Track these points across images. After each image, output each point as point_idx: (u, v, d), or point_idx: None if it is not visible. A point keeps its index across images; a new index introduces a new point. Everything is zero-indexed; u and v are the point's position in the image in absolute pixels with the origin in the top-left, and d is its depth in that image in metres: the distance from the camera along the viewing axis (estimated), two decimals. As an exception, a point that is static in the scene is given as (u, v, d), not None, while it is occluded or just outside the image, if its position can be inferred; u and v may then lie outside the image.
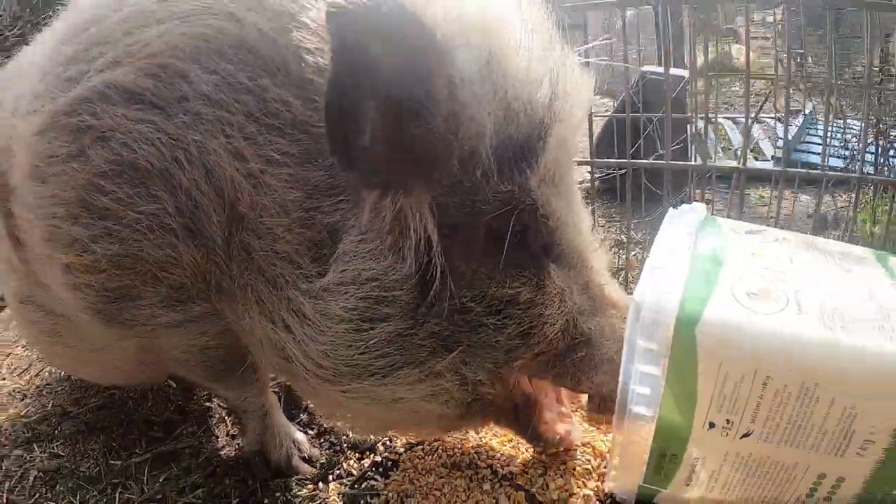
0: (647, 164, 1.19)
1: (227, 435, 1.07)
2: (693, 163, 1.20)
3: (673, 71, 1.62)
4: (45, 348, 1.11)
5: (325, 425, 1.01)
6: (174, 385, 1.19)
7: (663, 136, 1.17)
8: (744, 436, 0.61)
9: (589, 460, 0.78)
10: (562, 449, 0.78)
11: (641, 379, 0.59)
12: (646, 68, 2.01)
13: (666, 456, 0.66)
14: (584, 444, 0.80)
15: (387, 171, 0.57)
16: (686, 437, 0.63)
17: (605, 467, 0.76)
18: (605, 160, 1.31)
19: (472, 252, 0.63)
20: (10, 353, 1.55)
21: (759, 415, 0.59)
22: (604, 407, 0.69)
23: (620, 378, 0.61)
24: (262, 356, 0.75)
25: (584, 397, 0.75)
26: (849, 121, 2.15)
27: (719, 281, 0.60)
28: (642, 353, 0.58)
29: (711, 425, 0.61)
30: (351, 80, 0.52)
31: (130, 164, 0.66)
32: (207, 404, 1.16)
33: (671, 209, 0.80)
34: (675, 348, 0.57)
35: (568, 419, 0.80)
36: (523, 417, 0.74)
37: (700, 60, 1.66)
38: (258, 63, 0.62)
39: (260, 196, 0.63)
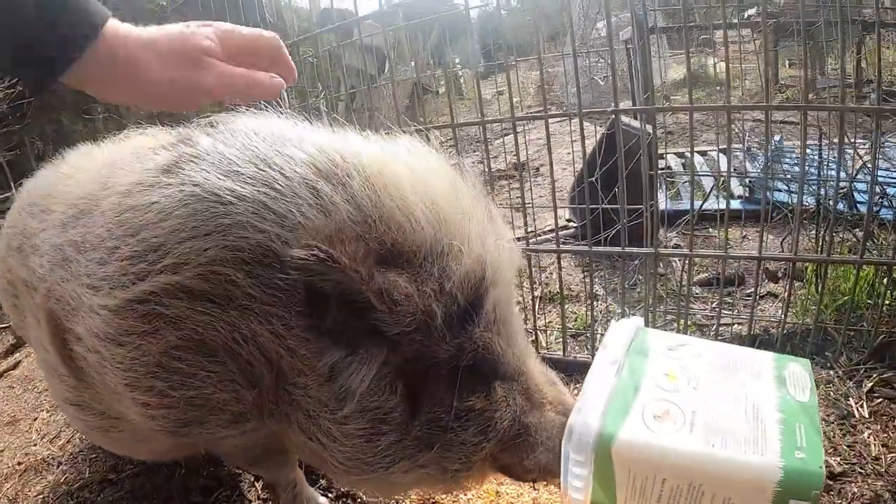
0: (603, 251, 1.40)
1: (259, 499, 1.24)
2: (645, 249, 1.39)
3: (635, 124, 1.80)
4: (95, 438, 1.24)
5: (342, 489, 1.22)
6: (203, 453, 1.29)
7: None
8: (655, 514, 0.84)
9: None
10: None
11: (574, 477, 0.82)
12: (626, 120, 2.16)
13: (601, 525, 0.89)
14: (549, 505, 1.04)
15: (350, 342, 0.83)
16: (613, 513, 0.86)
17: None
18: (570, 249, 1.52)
19: (437, 382, 0.87)
20: (36, 418, 1.66)
21: (662, 500, 0.82)
22: (545, 474, 0.95)
23: (561, 474, 0.84)
24: (299, 452, 0.99)
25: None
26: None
27: (633, 406, 0.83)
28: (574, 461, 0.81)
29: (630, 506, 0.84)
30: (315, 294, 0.79)
31: (199, 341, 0.83)
32: (237, 470, 1.29)
33: (613, 322, 1.02)
34: (596, 461, 0.80)
35: None
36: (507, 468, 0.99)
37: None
38: (283, 264, 0.80)
39: (295, 361, 0.84)
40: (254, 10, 1.91)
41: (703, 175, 2.58)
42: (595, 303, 1.58)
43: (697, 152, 2.85)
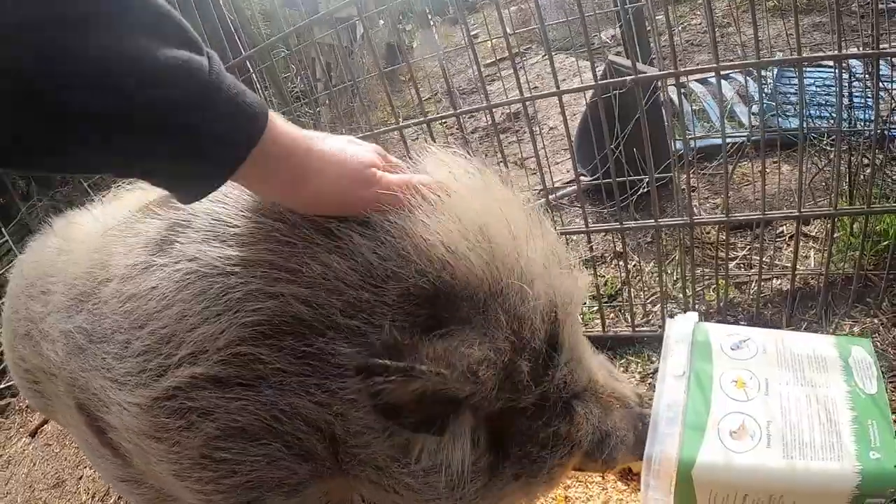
0: (636, 226, 1.36)
1: None
2: (678, 219, 1.35)
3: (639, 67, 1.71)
4: None
5: None
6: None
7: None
8: (734, 522, 0.85)
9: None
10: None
11: (655, 500, 0.83)
12: (612, 57, 2.05)
13: (683, 534, 0.90)
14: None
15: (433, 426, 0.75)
16: (695, 527, 0.87)
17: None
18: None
19: (523, 422, 0.83)
20: (81, 476, 1.61)
21: (744, 514, 0.83)
22: (620, 465, 0.95)
23: (641, 497, 0.85)
24: (370, 496, 0.95)
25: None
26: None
27: (707, 425, 0.82)
28: (654, 488, 0.81)
29: (710, 521, 0.85)
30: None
31: (238, 428, 0.76)
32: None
33: (668, 320, 1.01)
34: (678, 486, 0.80)
35: None
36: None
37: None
38: (309, 328, 0.73)
39: (351, 425, 0.76)
40: (211, 13, 1.76)
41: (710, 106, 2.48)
42: (623, 263, 1.55)
43: (697, 81, 2.70)
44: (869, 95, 1.51)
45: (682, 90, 2.71)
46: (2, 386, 2.21)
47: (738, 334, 0.97)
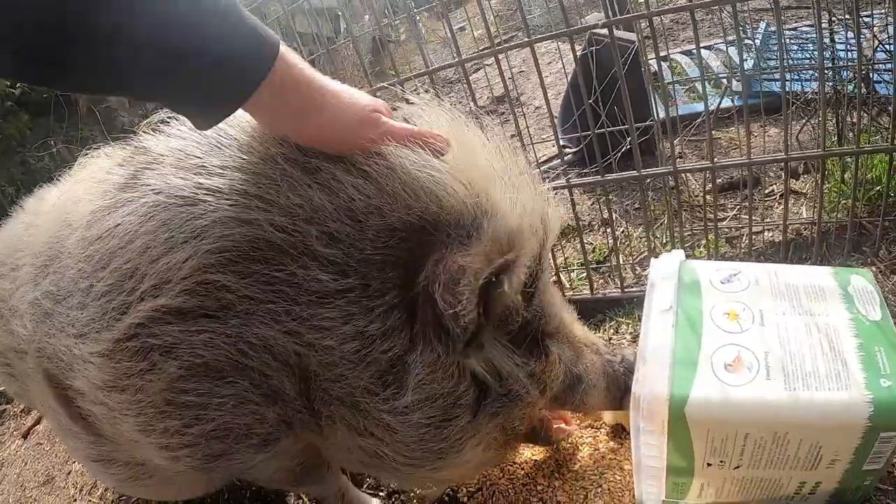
0: (618, 177, 1.29)
1: None
2: (662, 168, 1.28)
3: (620, 34, 1.66)
4: (126, 489, 1.19)
5: (392, 486, 1.14)
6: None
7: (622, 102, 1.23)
8: (735, 468, 0.77)
9: (620, 479, 0.96)
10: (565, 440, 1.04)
11: (648, 447, 0.75)
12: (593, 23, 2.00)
13: (679, 483, 0.82)
14: (614, 467, 0.98)
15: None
16: (691, 473, 0.79)
17: (633, 484, 0.93)
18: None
19: (504, 356, 0.81)
20: (70, 471, 1.59)
21: (745, 456, 0.75)
22: (595, 411, 1.00)
23: (633, 446, 0.77)
24: (345, 458, 0.89)
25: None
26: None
27: (699, 360, 0.75)
28: (646, 431, 0.73)
29: (709, 464, 0.77)
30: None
31: (202, 364, 0.72)
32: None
33: (653, 260, 0.93)
34: (670, 426, 0.72)
35: (562, 419, 1.04)
36: (540, 431, 0.98)
37: None
38: (281, 254, 0.70)
39: (323, 356, 0.73)
40: None
41: (694, 78, 2.43)
42: (611, 229, 1.48)
43: (682, 52, 2.67)
44: (850, 36, 1.45)
45: (665, 61, 2.68)
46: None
47: (727, 268, 0.90)
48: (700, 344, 0.77)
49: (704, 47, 2.57)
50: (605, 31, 1.91)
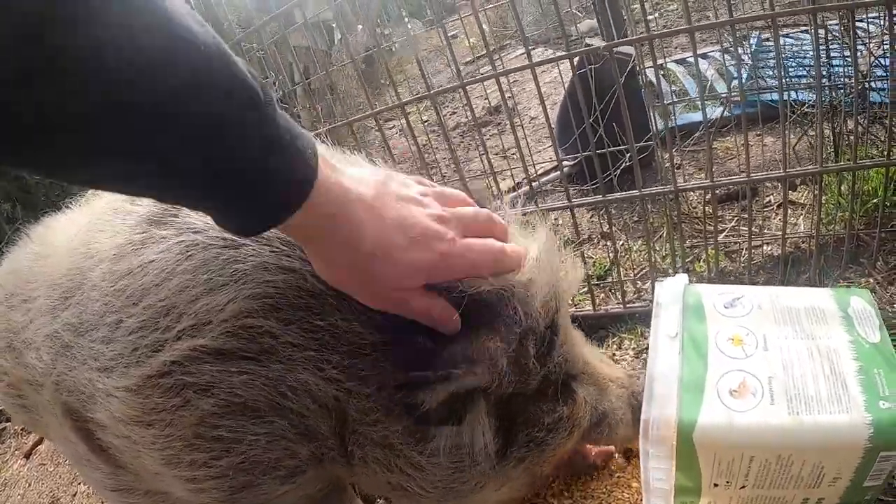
0: (619, 197, 1.32)
1: None
2: (662, 188, 1.31)
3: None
4: None
5: None
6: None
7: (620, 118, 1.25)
8: (741, 487, 0.80)
9: (628, 498, 0.99)
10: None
11: (656, 470, 0.78)
12: (589, 40, 2.03)
13: (686, 502, 0.85)
14: (622, 486, 1.00)
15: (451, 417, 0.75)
16: (698, 493, 0.82)
17: (641, 502, 0.96)
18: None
19: (528, 406, 0.83)
20: (75, 493, 1.60)
21: (750, 476, 0.77)
22: (622, 444, 1.00)
23: (641, 469, 0.80)
24: (371, 486, 0.92)
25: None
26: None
27: (706, 386, 0.77)
28: (654, 456, 0.76)
29: (716, 485, 0.80)
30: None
31: (239, 404, 0.72)
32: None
33: (657, 284, 0.96)
34: (678, 450, 0.75)
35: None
36: (577, 462, 1.01)
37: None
38: (323, 303, 0.71)
39: (360, 402, 0.74)
40: None
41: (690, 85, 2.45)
42: (610, 243, 1.51)
43: (675, 62, 2.70)
44: (847, 52, 1.48)
45: (661, 72, 2.71)
46: (-4, 411, 2.15)
47: (730, 293, 0.92)
48: (706, 370, 0.80)
49: (699, 55, 2.60)
50: (600, 43, 1.95)
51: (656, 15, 3.90)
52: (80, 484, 1.62)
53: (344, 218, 0.61)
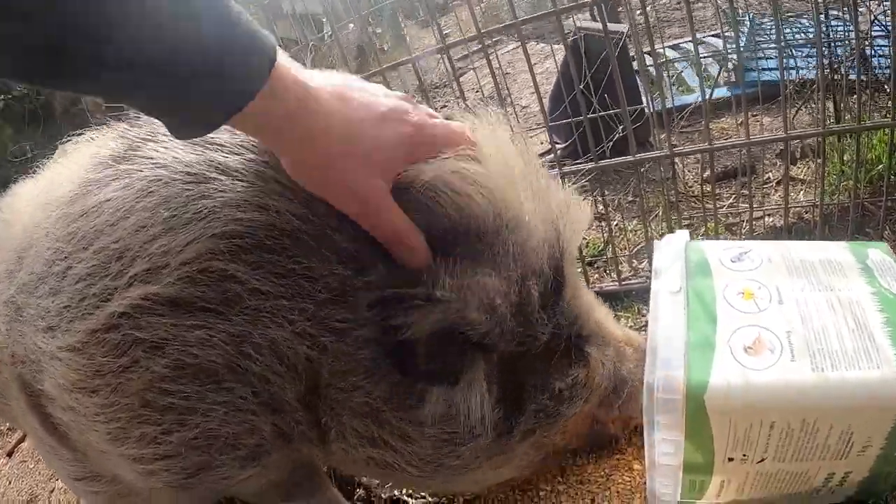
0: (612, 162, 1.24)
1: None
2: (658, 152, 1.22)
3: (609, 26, 1.62)
4: None
5: (384, 495, 1.06)
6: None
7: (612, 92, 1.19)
8: (759, 461, 0.70)
9: (629, 481, 0.89)
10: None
11: (664, 442, 0.68)
12: (581, 23, 1.99)
13: (696, 482, 0.75)
14: (622, 468, 0.90)
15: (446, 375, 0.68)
16: (710, 470, 0.72)
17: (644, 485, 0.86)
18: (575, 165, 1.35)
19: (536, 369, 0.74)
20: (52, 489, 1.56)
21: (770, 447, 0.68)
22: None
23: (646, 443, 0.70)
24: (350, 467, 0.82)
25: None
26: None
27: (717, 343, 0.68)
28: (660, 425, 0.66)
29: (730, 459, 0.70)
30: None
31: (193, 366, 0.64)
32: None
33: (656, 242, 0.87)
34: (688, 416, 0.65)
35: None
36: (596, 433, 0.89)
37: None
38: (299, 244, 0.63)
39: (336, 362, 0.66)
40: None
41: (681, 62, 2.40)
42: (605, 223, 1.42)
43: (669, 47, 2.65)
44: (846, 13, 1.41)
45: (656, 55, 2.66)
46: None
47: (737, 247, 0.83)
48: (716, 327, 0.70)
49: (670, 46, 2.57)
50: (592, 24, 1.90)
51: (651, 4, 3.86)
52: (57, 480, 1.55)
53: (309, 105, 0.58)
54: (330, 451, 0.75)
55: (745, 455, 0.69)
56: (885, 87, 1.49)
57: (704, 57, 2.22)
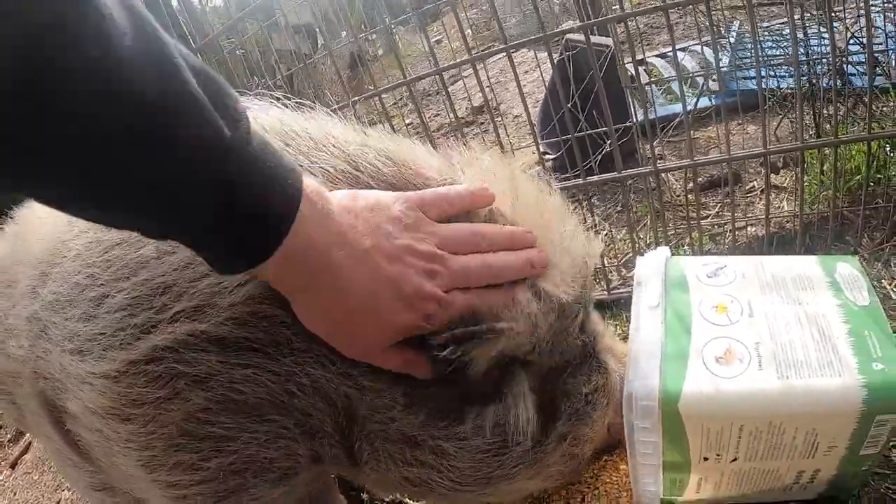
0: (599, 179, 1.30)
1: None
2: (642, 168, 1.28)
3: (596, 39, 1.67)
4: None
5: (386, 499, 1.10)
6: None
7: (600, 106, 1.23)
8: (732, 460, 0.76)
9: (617, 480, 0.95)
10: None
11: (643, 444, 0.74)
12: (570, 35, 2.03)
13: (676, 480, 0.81)
14: (610, 468, 0.96)
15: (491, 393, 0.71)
16: (687, 469, 0.78)
17: (629, 485, 0.92)
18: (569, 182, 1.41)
19: (568, 376, 0.79)
20: (59, 500, 1.58)
21: (741, 448, 0.74)
22: None
23: (627, 444, 0.76)
24: (378, 485, 0.83)
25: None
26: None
27: (690, 354, 0.74)
28: (640, 429, 0.72)
29: (705, 459, 0.76)
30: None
31: (237, 401, 0.64)
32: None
33: (639, 258, 0.93)
34: (665, 421, 0.71)
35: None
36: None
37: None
38: None
39: (374, 398, 0.68)
40: (160, 12, 1.68)
41: (669, 79, 2.45)
42: (594, 233, 1.48)
43: (657, 56, 2.70)
44: (824, 31, 1.47)
45: (643, 66, 2.71)
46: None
47: (714, 262, 0.89)
48: (690, 338, 0.76)
49: (679, 49, 2.61)
50: (580, 36, 1.95)
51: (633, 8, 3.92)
52: (63, 490, 1.59)
53: (333, 269, 0.57)
54: (361, 473, 0.76)
55: (718, 455, 0.75)
56: (864, 99, 1.55)
57: (692, 75, 2.27)
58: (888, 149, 1.49)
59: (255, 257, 0.53)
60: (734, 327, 0.77)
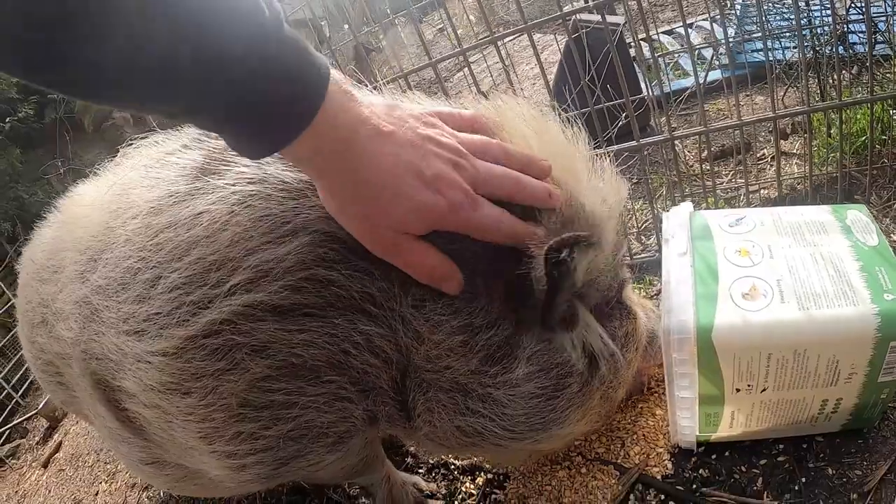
0: (618, 148, 1.37)
1: (348, 497, 1.15)
2: (659, 136, 1.36)
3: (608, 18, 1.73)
4: (182, 490, 1.09)
5: (430, 461, 1.14)
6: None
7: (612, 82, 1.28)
8: (762, 391, 0.84)
9: (653, 425, 1.02)
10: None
11: (681, 377, 0.82)
12: (580, 16, 2.09)
13: (710, 414, 0.89)
14: (646, 414, 1.04)
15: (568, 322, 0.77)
16: (721, 401, 0.86)
17: (667, 428, 1.00)
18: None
19: (606, 320, 0.84)
20: (97, 492, 1.59)
21: (770, 377, 0.81)
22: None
23: (666, 380, 0.84)
24: (431, 443, 0.83)
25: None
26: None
27: (719, 293, 0.82)
28: (678, 361, 0.80)
29: (738, 390, 0.84)
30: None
31: (296, 365, 0.66)
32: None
33: (664, 213, 1.00)
34: (700, 353, 0.79)
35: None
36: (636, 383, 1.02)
37: None
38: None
39: (429, 349, 0.70)
40: None
41: (681, 51, 2.52)
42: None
43: (663, 33, 2.75)
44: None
45: (654, 42, 2.77)
46: (10, 426, 2.18)
47: (734, 214, 0.97)
48: (717, 279, 0.84)
49: (664, 32, 2.66)
50: (589, 16, 2.01)
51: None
52: (101, 483, 1.62)
53: (357, 146, 0.58)
54: (415, 427, 0.78)
55: (749, 385, 0.83)
56: (867, 64, 1.61)
57: (700, 47, 2.32)
58: (892, 112, 1.55)
59: (295, 126, 0.55)
60: (757, 268, 0.84)
